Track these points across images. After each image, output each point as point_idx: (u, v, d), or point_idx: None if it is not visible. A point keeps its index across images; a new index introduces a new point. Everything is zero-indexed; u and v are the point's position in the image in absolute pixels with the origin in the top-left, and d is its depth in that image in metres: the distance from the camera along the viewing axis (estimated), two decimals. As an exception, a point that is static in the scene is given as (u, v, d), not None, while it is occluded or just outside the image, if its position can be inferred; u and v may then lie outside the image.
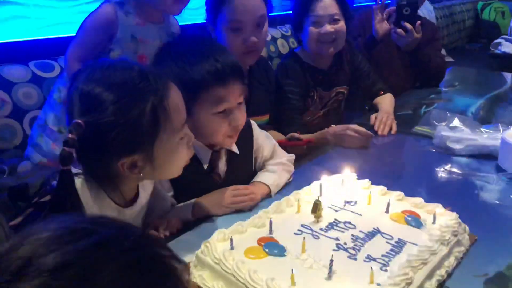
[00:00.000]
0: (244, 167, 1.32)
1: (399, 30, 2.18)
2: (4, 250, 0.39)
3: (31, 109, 1.61)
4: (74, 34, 1.48)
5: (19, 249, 0.38)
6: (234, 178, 1.26)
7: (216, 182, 1.24)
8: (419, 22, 2.18)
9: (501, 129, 1.61)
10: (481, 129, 1.62)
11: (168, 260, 0.42)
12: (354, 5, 3.63)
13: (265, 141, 1.37)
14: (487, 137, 1.58)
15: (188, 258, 0.97)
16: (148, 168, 0.93)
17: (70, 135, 0.83)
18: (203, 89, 1.11)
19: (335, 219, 1.06)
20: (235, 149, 1.27)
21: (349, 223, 1.04)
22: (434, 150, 1.62)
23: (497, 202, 1.31)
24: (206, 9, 1.59)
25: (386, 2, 2.31)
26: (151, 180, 1.11)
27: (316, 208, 1.04)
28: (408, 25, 2.16)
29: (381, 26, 2.19)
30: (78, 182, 0.91)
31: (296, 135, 1.66)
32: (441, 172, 1.48)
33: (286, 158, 1.38)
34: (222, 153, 1.26)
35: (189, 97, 1.04)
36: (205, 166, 1.23)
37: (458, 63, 3.75)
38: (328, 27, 1.78)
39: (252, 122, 1.36)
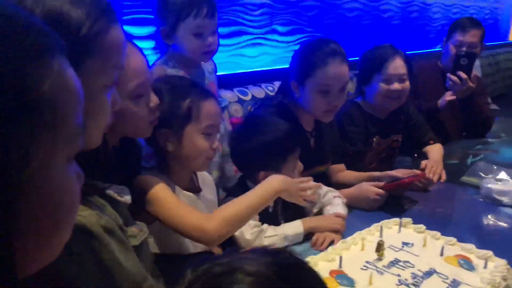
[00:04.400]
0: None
1: (454, 78, 2.33)
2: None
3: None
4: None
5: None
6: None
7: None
8: (475, 72, 2.32)
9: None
10: (527, 182, 1.74)
11: None
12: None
13: None
14: (532, 190, 1.70)
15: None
16: (177, 148, 1.18)
17: None
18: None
19: (396, 258, 1.21)
20: None
21: (408, 262, 1.20)
22: (481, 200, 1.75)
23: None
24: (294, 67, 1.70)
25: (440, 49, 2.51)
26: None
27: (380, 247, 1.20)
28: (463, 75, 2.31)
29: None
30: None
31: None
32: (489, 221, 1.60)
33: None
34: None
35: None
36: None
37: (503, 111, 3.82)
38: (397, 85, 1.96)
39: None
